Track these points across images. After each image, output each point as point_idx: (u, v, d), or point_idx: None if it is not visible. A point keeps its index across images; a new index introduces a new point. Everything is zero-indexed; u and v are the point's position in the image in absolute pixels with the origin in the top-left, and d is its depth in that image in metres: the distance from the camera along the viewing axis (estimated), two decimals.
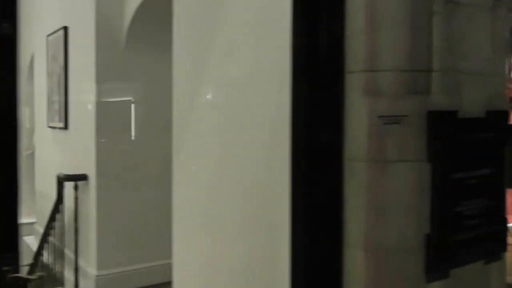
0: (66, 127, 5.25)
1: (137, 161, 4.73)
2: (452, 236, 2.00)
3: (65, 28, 5.17)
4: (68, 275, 5.00)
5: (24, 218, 6.21)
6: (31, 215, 6.68)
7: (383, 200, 1.91)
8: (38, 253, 5.56)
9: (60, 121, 5.39)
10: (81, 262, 4.84)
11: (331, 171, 1.98)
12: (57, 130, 5.54)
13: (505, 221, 2.29)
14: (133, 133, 4.83)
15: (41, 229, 5.72)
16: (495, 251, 2.23)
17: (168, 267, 3.11)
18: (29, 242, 6.55)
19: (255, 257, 2.36)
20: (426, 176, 1.93)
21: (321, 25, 1.97)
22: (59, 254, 5.24)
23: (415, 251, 1.93)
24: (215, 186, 2.67)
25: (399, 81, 1.91)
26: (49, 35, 5.75)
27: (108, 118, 4.67)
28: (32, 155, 6.98)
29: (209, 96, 2.70)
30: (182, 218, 2.99)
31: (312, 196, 1.98)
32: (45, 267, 5.40)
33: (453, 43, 2.03)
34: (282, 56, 2.08)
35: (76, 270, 4.83)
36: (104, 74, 4.54)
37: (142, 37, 4.47)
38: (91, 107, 4.56)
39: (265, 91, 2.32)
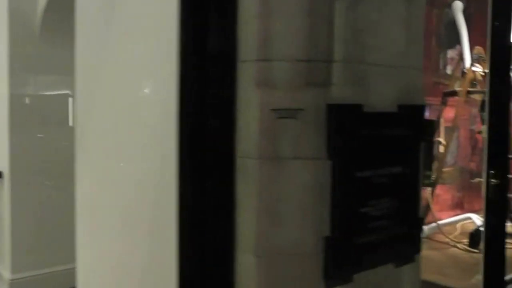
0: None
1: (70, 158, 4.44)
2: (356, 239, 1.86)
3: None
4: None
5: None
6: None
7: (277, 200, 1.75)
8: None
9: None
10: None
11: (222, 169, 1.81)
12: None
13: (419, 222, 2.16)
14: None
15: None
16: (407, 253, 2.10)
17: None
18: None
19: (154, 262, 2.17)
20: (326, 175, 1.78)
21: (211, 11, 1.79)
22: None
23: (313, 255, 1.78)
24: (114, 185, 2.46)
25: (296, 71, 1.75)
26: None
27: (33, 112, 4.39)
28: None
29: (105, 89, 2.49)
30: (85, 218, 2.78)
31: (201, 197, 1.81)
32: None
33: (360, 33, 1.88)
34: (172, 45, 1.90)
35: None
36: (19, 65, 4.26)
37: (57, 27, 4.21)
38: (4, 100, 4.28)
39: (156, 84, 2.13)
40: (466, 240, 5.12)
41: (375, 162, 1.91)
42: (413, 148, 2.08)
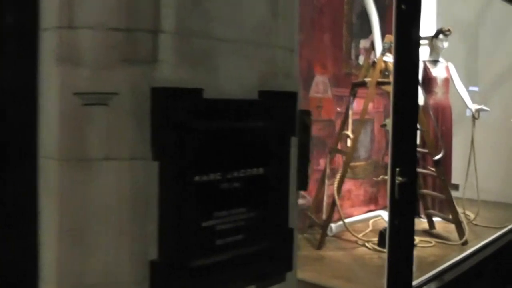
0: None
1: None
2: (195, 261, 1.44)
3: None
4: None
5: None
6: None
7: (85, 216, 1.32)
8: None
9: None
10: None
11: (23, 174, 1.36)
12: None
13: (290, 233, 1.77)
14: None
15: None
16: (275, 272, 1.71)
17: None
18: None
19: None
20: (151, 180, 1.36)
21: None
22: None
23: (135, 285, 1.36)
24: None
25: (109, 43, 1.33)
26: None
27: None
28: None
29: None
30: None
31: None
32: None
33: None
34: None
35: None
36: None
37: None
38: None
39: None
40: (376, 239, 4.84)
41: (224, 163, 1.50)
42: (281, 144, 1.69)
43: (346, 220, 5.11)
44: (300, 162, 1.78)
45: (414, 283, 3.68)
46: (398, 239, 3.30)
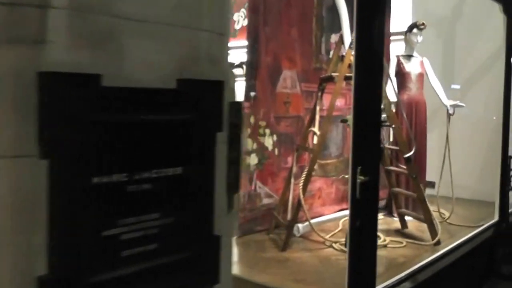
0: None
1: None
2: (94, 275, 1.25)
3: None
4: None
5: None
6: None
7: None
8: None
9: None
10: None
11: None
12: None
13: (216, 241, 1.58)
14: None
15: None
16: (196, 286, 1.52)
17: None
18: None
19: None
20: (38, 182, 1.16)
21: None
22: None
23: None
24: None
25: None
26: None
27: None
28: None
29: None
30: None
31: None
32: None
33: None
34: None
35: None
36: None
37: None
38: None
39: None
40: (344, 239, 4.68)
41: (131, 162, 1.31)
42: (203, 140, 1.50)
43: (316, 220, 4.96)
44: (229, 160, 1.60)
45: (379, 286, 3.52)
46: (360, 241, 3.14)
